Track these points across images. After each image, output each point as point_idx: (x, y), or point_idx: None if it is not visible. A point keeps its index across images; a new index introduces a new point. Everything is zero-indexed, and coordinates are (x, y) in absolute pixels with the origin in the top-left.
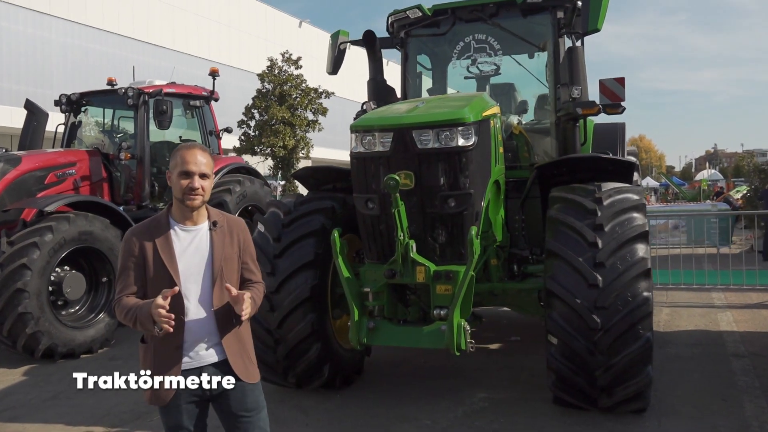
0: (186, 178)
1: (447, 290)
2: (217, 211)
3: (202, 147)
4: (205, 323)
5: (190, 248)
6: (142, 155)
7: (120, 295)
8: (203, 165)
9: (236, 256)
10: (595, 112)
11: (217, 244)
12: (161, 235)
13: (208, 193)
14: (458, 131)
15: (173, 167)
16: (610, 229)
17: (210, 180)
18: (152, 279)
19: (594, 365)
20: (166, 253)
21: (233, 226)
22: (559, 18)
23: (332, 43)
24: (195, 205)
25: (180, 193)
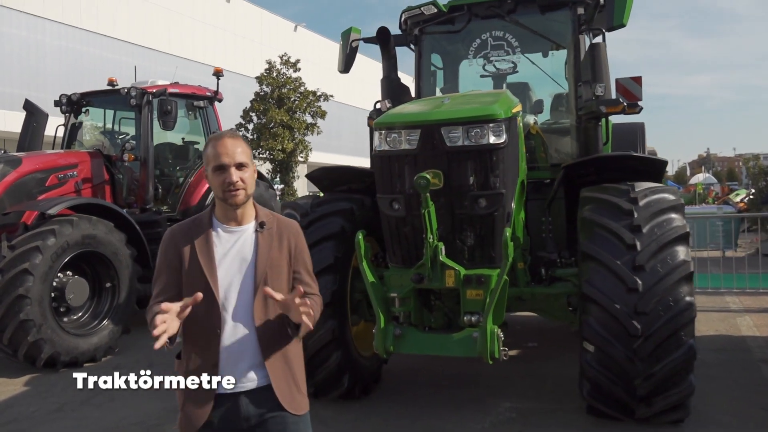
0: (221, 173)
1: (478, 295)
2: (268, 211)
3: (232, 133)
4: (245, 340)
5: (231, 252)
6: (146, 157)
7: (154, 301)
8: (238, 153)
9: (285, 263)
10: (619, 110)
11: (262, 248)
12: (201, 235)
13: (250, 186)
14: (489, 128)
15: (206, 164)
16: (648, 230)
17: (250, 169)
18: (188, 285)
19: (633, 373)
20: (204, 256)
21: (284, 229)
22: (580, 14)
23: (344, 40)
24: (238, 202)
25: (219, 191)
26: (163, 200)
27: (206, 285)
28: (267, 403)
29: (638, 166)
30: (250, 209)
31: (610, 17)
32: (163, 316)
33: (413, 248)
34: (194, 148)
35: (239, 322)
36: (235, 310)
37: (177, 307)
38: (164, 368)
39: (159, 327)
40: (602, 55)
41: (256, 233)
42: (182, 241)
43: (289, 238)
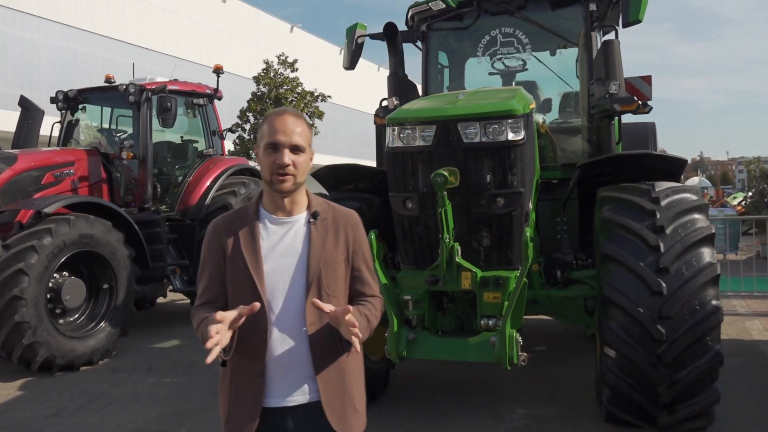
0: (272, 153)
1: (496, 298)
2: (323, 199)
3: (295, 112)
4: (295, 348)
5: (279, 246)
6: (145, 155)
7: (198, 303)
8: (296, 135)
9: (342, 259)
10: (633, 108)
11: (315, 242)
12: (247, 227)
13: (302, 173)
14: (508, 124)
15: (260, 138)
16: (671, 231)
17: (306, 155)
18: (232, 283)
19: (657, 380)
20: (249, 250)
21: (341, 220)
22: (592, 11)
23: (349, 37)
24: (285, 189)
25: (267, 172)
26: (162, 199)
27: (251, 283)
28: (317, 422)
29: (656, 165)
30: (302, 197)
31: (625, 13)
32: (217, 326)
33: (427, 249)
34: (193, 146)
35: (288, 326)
36: (284, 313)
37: (231, 315)
38: (163, 372)
39: (212, 338)
40: (616, 52)
41: (308, 225)
42: (225, 234)
43: (347, 230)
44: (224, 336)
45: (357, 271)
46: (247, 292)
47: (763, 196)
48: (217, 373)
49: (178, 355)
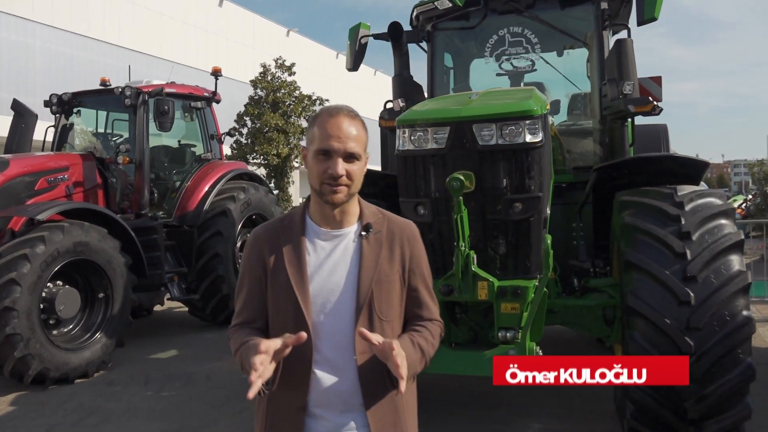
0: (324, 160)
1: (514, 309)
2: (377, 209)
3: (350, 111)
4: (343, 377)
5: (327, 263)
6: (142, 159)
7: (236, 322)
8: (352, 140)
9: (397, 278)
10: (648, 109)
11: (366, 259)
12: (291, 240)
13: (357, 183)
14: (525, 125)
15: (309, 141)
16: (698, 237)
17: (362, 163)
18: (274, 304)
19: (685, 395)
20: (294, 267)
21: (396, 233)
22: (603, 9)
23: (352, 37)
24: (336, 200)
25: (317, 181)
26: (159, 205)
27: (294, 305)
28: None
29: (675, 168)
30: (354, 207)
31: (640, 11)
32: (261, 357)
33: (439, 257)
34: (191, 151)
35: (336, 354)
36: (331, 339)
37: (276, 345)
38: (161, 384)
39: (256, 371)
40: (629, 51)
41: (359, 239)
42: (267, 246)
43: (403, 245)
44: (268, 368)
45: (414, 292)
46: (289, 314)
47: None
48: (218, 386)
49: (177, 367)
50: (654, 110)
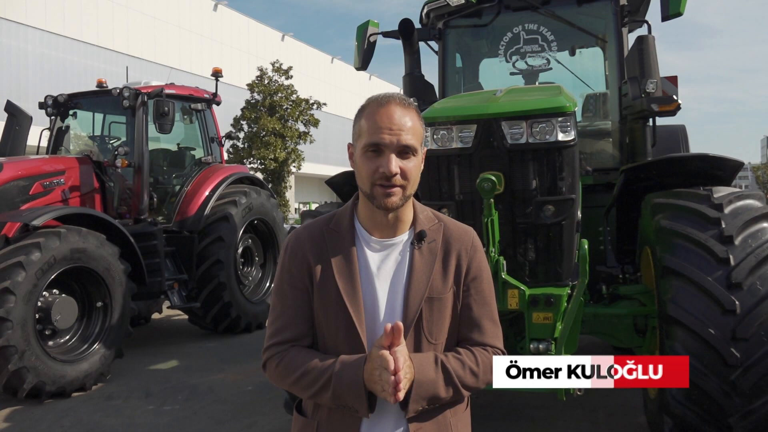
0: (374, 157)
1: (547, 319)
2: (432, 213)
3: (404, 100)
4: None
5: (376, 276)
6: (141, 163)
7: (277, 340)
8: (407, 132)
9: (451, 294)
10: (673, 108)
11: (417, 273)
12: (341, 248)
13: (413, 183)
14: (557, 123)
15: (356, 137)
16: (741, 242)
17: (418, 158)
18: (321, 319)
19: (730, 410)
20: (344, 276)
21: (454, 241)
22: (623, 5)
23: (360, 35)
24: (390, 205)
25: (367, 182)
26: (158, 210)
27: (347, 319)
28: None
29: (707, 168)
30: (408, 212)
31: (665, 6)
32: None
33: None
34: (191, 154)
35: None
36: None
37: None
38: (163, 398)
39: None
40: (651, 48)
41: (411, 248)
42: (312, 253)
43: (460, 256)
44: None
45: (468, 310)
46: (339, 329)
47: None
48: (223, 400)
49: (178, 379)
50: (680, 109)
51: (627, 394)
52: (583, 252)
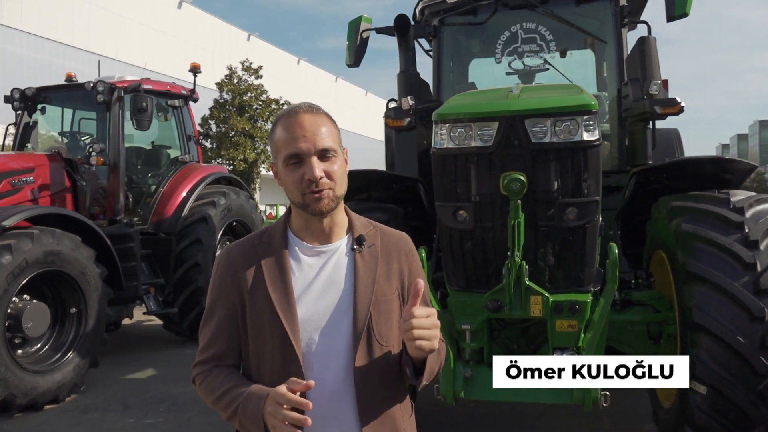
0: (296, 167)
1: (571, 327)
2: (366, 220)
3: (311, 107)
4: (337, 411)
5: (316, 283)
6: (116, 160)
7: (202, 358)
8: (321, 135)
9: (396, 296)
10: (677, 110)
11: (362, 276)
12: (273, 258)
13: (341, 183)
14: (582, 122)
15: (275, 152)
16: (766, 246)
17: (340, 158)
18: (253, 333)
19: (757, 420)
20: (278, 290)
21: (392, 245)
22: (622, 6)
23: (352, 31)
24: (323, 208)
25: (296, 192)
26: (133, 211)
27: (281, 333)
28: None
29: (718, 171)
30: (341, 218)
31: (670, 6)
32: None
33: (481, 269)
34: (166, 153)
35: (332, 386)
36: (325, 372)
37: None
38: (143, 410)
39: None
40: (653, 50)
41: (352, 253)
42: (243, 267)
43: (400, 259)
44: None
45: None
46: (275, 345)
47: None
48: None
49: (158, 389)
50: (683, 111)
51: (632, 400)
52: (613, 257)
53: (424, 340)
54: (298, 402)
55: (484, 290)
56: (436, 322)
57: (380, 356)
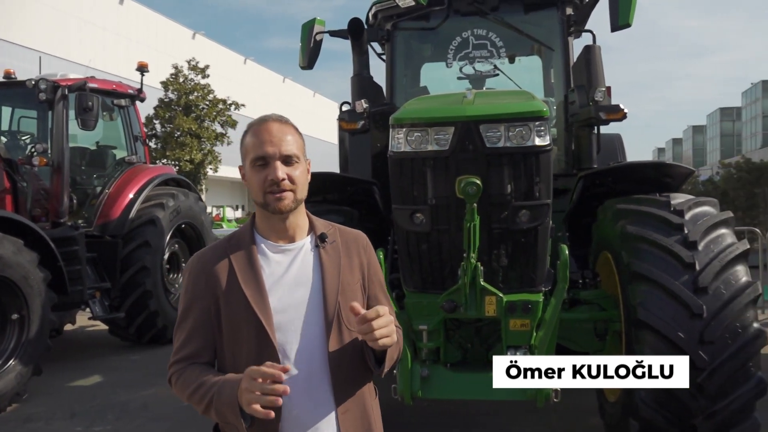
0: (262, 169)
1: (524, 325)
2: (325, 221)
3: (280, 117)
4: (317, 398)
5: (286, 278)
6: (60, 161)
7: (177, 358)
8: (286, 143)
9: (359, 286)
10: (620, 117)
11: (328, 269)
12: (243, 258)
13: (302, 187)
14: (534, 127)
15: (243, 155)
16: (704, 247)
17: (302, 166)
18: (230, 329)
19: (696, 411)
20: (250, 284)
21: (351, 242)
22: (569, 15)
23: (305, 33)
24: (284, 207)
25: (259, 192)
26: (77, 213)
27: (257, 325)
28: None
29: (659, 176)
30: (303, 219)
31: (614, 17)
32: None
33: (437, 270)
34: (112, 153)
35: (308, 372)
36: (301, 357)
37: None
38: (91, 418)
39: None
40: (598, 58)
41: (316, 249)
42: (216, 269)
43: (360, 253)
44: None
45: (374, 300)
46: (252, 337)
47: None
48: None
49: (106, 396)
50: (626, 117)
51: (579, 396)
52: (563, 257)
53: (385, 337)
54: (273, 373)
55: (440, 291)
56: (390, 318)
57: (350, 342)
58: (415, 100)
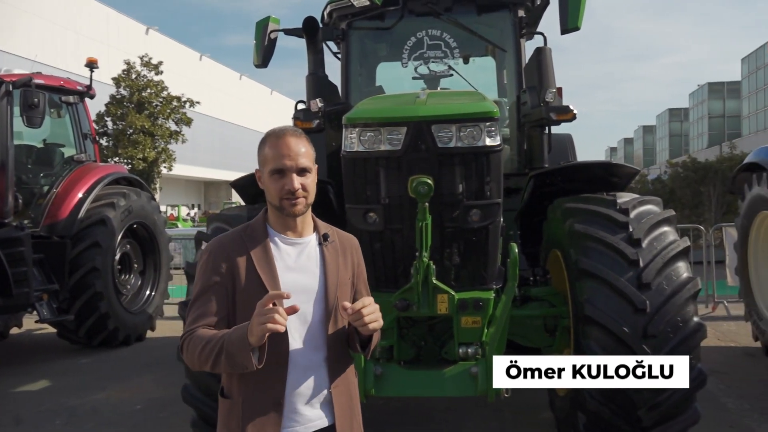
0: (280, 178)
1: (475, 323)
2: (325, 223)
3: (295, 131)
4: (314, 372)
5: (296, 266)
6: (4, 159)
7: (192, 327)
8: (302, 156)
9: (350, 282)
10: (569, 117)
11: (330, 264)
12: (257, 245)
13: (312, 193)
14: (485, 128)
15: (262, 164)
16: (647, 244)
17: (313, 175)
18: (243, 307)
19: (639, 403)
20: (265, 270)
21: (346, 244)
22: (521, 17)
23: (260, 31)
24: (297, 212)
25: (276, 198)
26: (23, 213)
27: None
28: None
29: (606, 175)
30: (309, 219)
31: (563, 20)
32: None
33: (390, 269)
34: (60, 152)
35: (309, 351)
36: (303, 337)
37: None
38: (38, 424)
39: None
40: (549, 60)
41: (320, 246)
42: (235, 253)
43: (352, 254)
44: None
45: (359, 294)
46: None
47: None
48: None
49: (53, 401)
50: (575, 118)
51: (531, 392)
52: (514, 255)
53: (374, 322)
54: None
55: (393, 290)
56: (375, 305)
57: (342, 327)
58: (368, 99)
